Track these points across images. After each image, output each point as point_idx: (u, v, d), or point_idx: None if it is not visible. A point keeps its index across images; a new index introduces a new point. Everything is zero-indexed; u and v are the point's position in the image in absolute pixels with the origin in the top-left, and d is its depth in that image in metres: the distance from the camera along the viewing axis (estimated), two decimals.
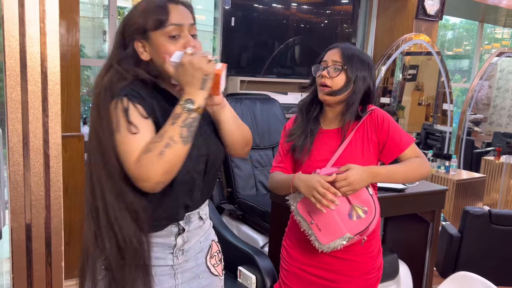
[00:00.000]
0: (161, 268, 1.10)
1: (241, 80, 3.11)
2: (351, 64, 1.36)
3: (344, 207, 1.29)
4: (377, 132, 1.38)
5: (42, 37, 0.63)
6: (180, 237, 1.11)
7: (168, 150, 0.94)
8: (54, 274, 0.70)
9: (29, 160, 0.64)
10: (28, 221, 0.67)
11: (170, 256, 1.10)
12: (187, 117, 0.96)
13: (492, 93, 5.07)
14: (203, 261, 1.18)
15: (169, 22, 1.01)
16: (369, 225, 1.29)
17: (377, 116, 1.39)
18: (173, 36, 1.02)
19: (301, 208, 1.34)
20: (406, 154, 1.39)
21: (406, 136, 1.40)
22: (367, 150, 1.38)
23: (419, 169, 1.38)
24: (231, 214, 2.77)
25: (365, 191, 1.32)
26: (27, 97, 0.62)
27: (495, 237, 2.60)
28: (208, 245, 1.20)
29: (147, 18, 1.01)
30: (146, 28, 1.02)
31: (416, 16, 3.62)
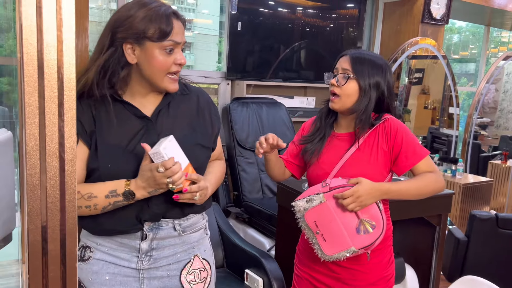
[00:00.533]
0: (125, 269, 1.09)
1: (247, 84, 3.13)
2: (361, 71, 1.33)
3: (352, 220, 1.28)
4: (388, 141, 1.35)
5: (58, 44, 0.65)
6: (145, 243, 1.09)
7: (86, 210, 1.01)
8: (68, 274, 0.72)
9: (45, 164, 0.66)
10: (44, 223, 0.68)
11: (135, 259, 1.10)
12: (121, 201, 1.01)
13: (499, 96, 5.05)
14: (177, 274, 1.13)
15: (170, 37, 1.02)
16: (376, 240, 1.27)
17: (391, 125, 1.35)
18: (168, 50, 1.03)
19: (309, 218, 1.31)
20: (419, 167, 1.35)
21: (420, 149, 1.36)
22: (375, 158, 1.35)
23: (432, 185, 1.34)
24: (237, 217, 2.78)
25: (374, 206, 1.29)
26: (44, 102, 0.64)
27: (502, 241, 2.59)
28: (187, 259, 1.15)
29: (149, 26, 1.01)
30: (145, 35, 1.01)
31: (422, 20, 3.62)
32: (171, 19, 1.03)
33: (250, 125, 2.91)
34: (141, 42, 1.02)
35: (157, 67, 1.03)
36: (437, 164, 3.60)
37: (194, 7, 4.53)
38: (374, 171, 1.34)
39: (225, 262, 2.23)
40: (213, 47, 3.70)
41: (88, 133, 1.02)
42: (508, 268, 2.62)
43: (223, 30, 3.19)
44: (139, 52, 1.03)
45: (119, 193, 1.01)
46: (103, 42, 1.03)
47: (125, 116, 1.06)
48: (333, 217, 1.28)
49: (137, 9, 1.02)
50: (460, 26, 6.59)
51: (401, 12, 3.76)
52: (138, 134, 1.07)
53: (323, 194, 1.29)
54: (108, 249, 1.09)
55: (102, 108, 1.04)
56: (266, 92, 3.27)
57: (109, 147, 1.03)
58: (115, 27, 1.02)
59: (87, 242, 1.10)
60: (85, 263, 1.09)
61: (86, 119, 1.02)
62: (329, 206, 1.28)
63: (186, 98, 1.17)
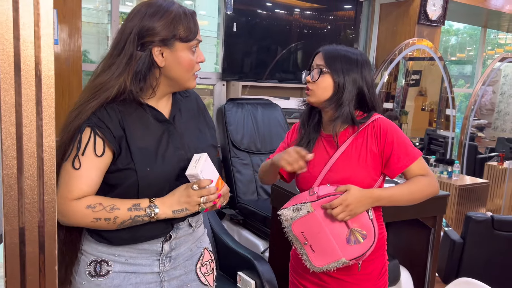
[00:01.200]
0: (146, 276, 1.08)
1: (243, 85, 3.11)
2: (334, 65, 1.28)
3: (342, 230, 1.22)
4: (378, 142, 1.28)
5: (36, 40, 0.63)
6: (167, 244, 1.10)
7: (103, 223, 0.99)
8: (47, 278, 0.70)
9: (22, 163, 0.64)
10: (22, 225, 0.66)
11: (157, 263, 1.09)
12: (142, 216, 1.00)
13: (496, 98, 5.04)
14: (193, 268, 1.15)
15: (196, 37, 1.05)
16: (367, 250, 1.21)
17: (380, 126, 1.28)
18: (194, 49, 1.06)
19: (296, 228, 1.25)
20: (411, 169, 1.28)
21: (413, 150, 1.28)
22: (364, 160, 1.28)
23: (425, 190, 1.28)
24: (232, 219, 2.76)
25: (365, 215, 1.23)
26: (21, 100, 0.63)
27: (497, 243, 2.58)
28: (199, 252, 1.18)
29: (178, 27, 1.02)
30: (175, 36, 1.02)
31: (418, 21, 3.61)
32: (195, 18, 1.06)
33: (245, 126, 2.89)
34: (171, 43, 1.02)
35: (186, 67, 1.05)
36: (433, 166, 3.59)
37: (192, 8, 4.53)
38: (363, 175, 1.28)
39: (218, 264, 2.21)
40: (211, 48, 3.68)
41: (116, 138, 1.01)
42: (503, 270, 2.61)
43: (220, 31, 3.18)
44: (168, 54, 1.03)
45: (143, 207, 1.00)
46: (129, 49, 1.01)
47: (147, 120, 1.06)
48: (321, 228, 1.22)
49: (163, 12, 1.02)
50: (457, 28, 6.60)
51: (397, 14, 3.75)
52: (162, 138, 1.07)
53: (310, 204, 1.24)
54: (128, 258, 1.06)
55: (127, 111, 1.04)
56: (262, 93, 3.26)
57: (142, 150, 1.03)
58: (141, 32, 1.01)
59: (102, 256, 1.06)
60: (104, 278, 1.05)
61: (114, 125, 1.01)
62: (317, 216, 1.22)
63: (188, 100, 1.19)
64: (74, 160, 0.98)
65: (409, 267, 2.35)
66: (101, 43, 3.50)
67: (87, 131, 0.99)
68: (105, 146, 1.00)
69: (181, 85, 1.08)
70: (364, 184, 1.26)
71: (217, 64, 3.37)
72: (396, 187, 1.29)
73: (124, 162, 1.01)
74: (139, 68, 1.01)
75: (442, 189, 3.38)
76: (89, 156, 0.99)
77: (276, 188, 2.14)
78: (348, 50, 1.33)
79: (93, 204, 0.98)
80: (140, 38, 1.01)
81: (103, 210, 0.98)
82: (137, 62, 1.01)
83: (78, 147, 0.99)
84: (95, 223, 0.99)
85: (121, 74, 1.01)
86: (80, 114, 1.01)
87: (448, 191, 3.19)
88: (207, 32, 3.77)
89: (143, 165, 1.02)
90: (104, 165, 1.01)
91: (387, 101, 3.90)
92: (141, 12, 1.03)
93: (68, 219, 1.00)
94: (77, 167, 0.98)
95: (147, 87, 1.05)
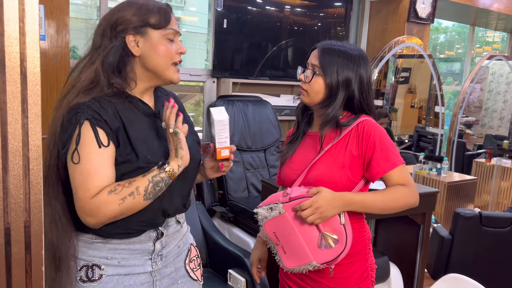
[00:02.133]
0: (139, 277, 1.07)
1: (233, 82, 3.10)
2: (328, 67, 1.25)
3: (313, 233, 1.19)
4: (359, 145, 1.24)
5: (21, 36, 0.61)
6: (159, 242, 1.09)
7: (130, 199, 0.96)
8: (34, 279, 0.69)
9: (8, 163, 0.63)
10: (7, 225, 0.65)
11: (149, 262, 1.08)
12: (157, 174, 0.99)
13: (484, 96, 5.10)
14: (182, 265, 1.16)
15: (170, 25, 1.04)
16: (338, 256, 1.18)
17: (364, 128, 1.24)
18: (170, 39, 1.05)
19: (268, 228, 1.24)
20: (390, 177, 1.23)
21: (395, 157, 1.23)
22: (343, 163, 1.25)
23: (402, 200, 1.22)
24: (222, 216, 2.76)
25: (336, 219, 1.19)
26: (6, 98, 0.61)
27: (485, 239, 2.61)
28: (187, 248, 1.19)
29: (149, 15, 1.02)
30: (147, 23, 1.02)
31: (408, 19, 3.63)
32: (168, 9, 1.06)
33: (236, 123, 2.88)
34: (143, 31, 1.02)
35: (162, 55, 1.03)
36: (423, 163, 3.62)
37: (182, 4, 4.48)
38: (341, 176, 1.24)
39: (208, 262, 2.21)
40: (201, 45, 3.66)
41: (114, 130, 1.00)
42: (491, 266, 2.64)
43: (211, 28, 3.16)
44: (142, 43, 1.03)
45: (155, 168, 1.00)
46: (101, 40, 1.03)
47: (137, 113, 1.05)
48: (293, 230, 1.20)
49: (133, 3, 1.04)
50: (446, 26, 6.65)
51: (387, 11, 3.77)
52: (151, 130, 1.07)
53: (282, 205, 1.21)
54: (120, 260, 1.05)
55: (119, 103, 1.03)
56: (252, 90, 3.25)
57: (139, 140, 1.03)
58: (112, 22, 1.02)
59: (94, 260, 1.04)
60: (97, 283, 1.03)
61: (110, 117, 1.00)
62: (288, 217, 1.20)
63: (167, 98, 1.17)
64: (73, 155, 0.96)
65: (398, 263, 2.37)
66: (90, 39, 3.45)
67: (87, 125, 0.97)
68: (108, 136, 0.99)
69: (160, 76, 1.06)
70: (343, 186, 1.24)
71: (208, 61, 3.35)
72: (370, 193, 1.24)
73: (123, 153, 1.00)
74: (112, 57, 1.01)
75: (431, 185, 3.41)
76: (97, 149, 0.97)
77: (266, 186, 2.14)
78: (346, 46, 1.29)
79: (112, 188, 0.96)
80: (113, 30, 1.02)
81: (123, 188, 0.96)
82: (109, 51, 1.01)
83: (77, 141, 0.96)
84: (123, 205, 0.96)
85: (93, 64, 1.01)
86: (59, 107, 1.00)
87: (437, 188, 3.22)
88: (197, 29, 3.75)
89: (143, 153, 1.02)
90: (112, 154, 0.99)
91: (377, 98, 3.92)
92: (111, 9, 1.06)
93: (96, 217, 0.96)
94: (76, 162, 0.95)
95: (128, 79, 1.04)
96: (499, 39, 6.53)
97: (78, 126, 0.96)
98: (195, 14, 3.94)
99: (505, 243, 2.62)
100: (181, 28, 4.17)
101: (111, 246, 1.04)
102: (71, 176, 0.97)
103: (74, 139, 0.96)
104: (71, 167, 0.97)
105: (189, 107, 3.81)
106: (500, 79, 5.02)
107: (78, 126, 0.96)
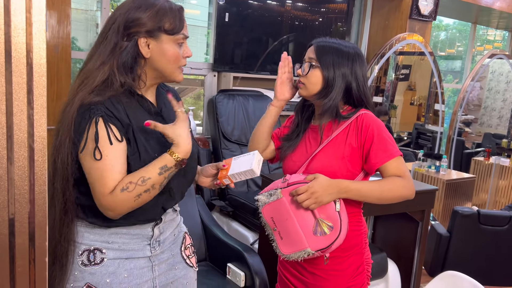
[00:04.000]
0: (139, 261, 1.11)
1: (234, 77, 3.09)
2: (325, 59, 1.28)
3: (309, 220, 1.22)
4: (358, 137, 1.27)
5: (28, 27, 0.61)
6: (157, 228, 1.13)
7: (146, 194, 1.00)
8: (37, 269, 0.69)
9: (13, 153, 0.63)
10: (12, 216, 0.65)
11: (148, 247, 1.12)
12: (174, 171, 1.03)
13: (483, 94, 5.11)
14: (178, 252, 1.20)
15: (182, 31, 1.07)
16: (332, 243, 1.20)
17: (363, 121, 1.27)
18: (180, 43, 1.08)
19: (266, 213, 1.28)
20: (387, 168, 1.25)
21: (392, 148, 1.26)
22: (343, 155, 1.28)
23: (398, 191, 1.24)
24: (221, 210, 2.76)
25: (332, 206, 1.21)
26: (12, 88, 0.61)
27: (483, 237, 2.63)
28: (182, 236, 1.23)
29: (165, 20, 1.04)
30: (161, 28, 1.04)
31: (410, 16, 3.62)
32: (182, 13, 1.08)
33: (236, 118, 2.88)
34: (157, 35, 1.04)
35: (171, 60, 1.07)
36: (421, 160, 3.63)
37: None
38: (341, 168, 1.27)
39: (207, 256, 2.21)
40: (202, 38, 3.64)
41: (125, 127, 1.03)
42: (488, 264, 2.66)
43: (211, 21, 3.15)
44: (154, 46, 1.05)
45: (171, 166, 1.02)
46: (116, 37, 1.03)
47: (143, 112, 1.08)
48: (289, 215, 1.23)
49: (148, 5, 1.05)
50: (447, 24, 6.64)
51: (389, 8, 3.76)
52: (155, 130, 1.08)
53: (280, 190, 1.25)
54: (121, 244, 1.08)
55: (129, 102, 1.05)
56: (253, 84, 3.24)
57: (146, 138, 1.06)
58: (128, 23, 1.03)
59: (95, 244, 1.06)
60: (99, 266, 1.06)
61: (121, 115, 1.03)
62: (285, 202, 1.24)
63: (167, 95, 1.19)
64: (95, 152, 0.98)
65: (396, 260, 2.38)
66: (90, 30, 3.44)
67: (101, 122, 0.99)
68: (120, 132, 1.01)
69: (166, 77, 1.10)
70: (342, 177, 1.26)
71: (207, 54, 3.34)
72: (367, 182, 1.27)
73: (131, 152, 1.03)
74: (125, 58, 1.03)
75: (429, 183, 3.42)
76: (112, 144, 0.99)
77: (266, 180, 2.14)
78: (341, 44, 1.32)
79: (125, 186, 0.98)
80: (127, 29, 1.03)
81: (136, 186, 0.99)
82: (122, 52, 1.02)
83: (96, 139, 0.98)
84: (139, 200, 1.00)
85: (106, 63, 1.02)
86: (70, 104, 1.01)
87: (436, 186, 3.23)
88: (198, 22, 3.73)
89: (149, 152, 1.04)
90: (125, 149, 1.02)
91: (377, 95, 3.92)
92: (127, 4, 1.06)
93: (115, 211, 1.00)
94: (99, 158, 0.98)
95: (138, 79, 1.07)
96: (500, 38, 6.53)
97: (94, 123, 0.99)
98: (196, 7, 3.92)
99: (503, 241, 2.63)
100: None
101: (113, 230, 1.07)
102: (88, 171, 1.00)
103: (91, 137, 0.98)
104: (88, 162, 0.99)
105: (189, 100, 3.81)
106: (500, 78, 5.02)
107: (94, 123, 0.99)
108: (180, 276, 1.19)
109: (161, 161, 1.02)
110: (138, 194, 0.99)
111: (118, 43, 1.03)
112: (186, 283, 1.22)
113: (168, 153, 1.02)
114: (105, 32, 1.05)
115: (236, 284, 1.96)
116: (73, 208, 1.04)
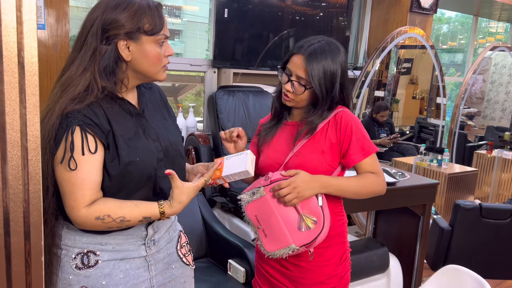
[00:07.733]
0: (135, 261, 1.10)
1: (234, 73, 3.08)
2: (318, 79, 1.27)
3: (292, 216, 1.23)
4: (337, 133, 1.31)
5: (18, 26, 0.61)
6: (151, 227, 1.12)
7: (117, 227, 1.03)
8: (33, 268, 0.69)
9: (6, 153, 0.63)
10: (6, 215, 0.65)
11: (143, 247, 1.11)
12: (151, 215, 1.04)
13: (486, 87, 5.08)
14: (174, 250, 1.19)
15: (163, 31, 1.05)
16: (316, 237, 1.22)
17: (341, 118, 1.31)
18: (161, 43, 1.05)
19: (250, 211, 1.28)
20: (362, 165, 1.31)
21: (368, 146, 1.31)
22: (323, 150, 1.31)
23: (372, 187, 1.31)
24: (223, 207, 2.76)
25: (314, 201, 1.24)
26: (4, 88, 0.61)
27: (485, 230, 2.62)
28: (177, 235, 1.22)
29: (143, 20, 1.01)
30: (140, 29, 1.01)
31: (411, 9, 3.60)
32: (161, 10, 1.05)
33: (237, 114, 2.87)
34: (136, 37, 1.01)
35: (153, 61, 1.04)
36: (423, 154, 3.62)
37: None
38: (323, 162, 1.30)
39: (208, 252, 2.22)
40: (202, 34, 3.63)
41: (105, 133, 1.01)
42: (491, 258, 2.65)
43: (211, 17, 3.14)
44: (134, 48, 1.02)
45: (154, 218, 1.05)
46: (95, 41, 1.00)
47: (124, 114, 1.06)
48: (272, 212, 1.24)
49: (126, 4, 1.01)
50: (449, 17, 6.59)
51: (389, 1, 3.73)
52: (138, 131, 1.07)
53: (263, 188, 1.26)
54: (115, 245, 1.07)
55: (109, 107, 1.04)
56: (253, 80, 3.23)
57: (127, 143, 1.04)
58: (105, 25, 1.00)
59: (88, 247, 1.06)
60: (94, 269, 1.05)
61: (101, 120, 1.01)
62: (268, 200, 1.25)
63: (151, 92, 1.19)
64: (69, 162, 0.97)
65: (398, 254, 2.37)
66: None
67: (77, 131, 0.98)
68: (96, 142, 0.99)
69: (150, 78, 1.09)
70: (322, 172, 1.29)
71: (208, 51, 3.33)
72: (345, 178, 1.31)
73: (110, 157, 1.01)
74: (106, 62, 1.00)
75: (431, 177, 3.41)
76: (85, 156, 0.98)
77: None
78: (325, 46, 1.29)
79: (101, 216, 0.99)
80: (105, 32, 1.00)
81: (113, 222, 1.00)
82: (103, 56, 1.00)
83: (71, 148, 0.97)
84: (108, 227, 1.02)
85: (87, 69, 1.00)
86: (50, 112, 0.99)
87: (438, 180, 3.22)
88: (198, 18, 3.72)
89: (132, 156, 1.03)
90: (100, 161, 1.01)
91: (378, 89, 3.90)
92: (103, 4, 1.02)
93: (82, 227, 1.02)
94: (74, 168, 0.97)
95: (119, 82, 1.05)
96: (502, 30, 6.48)
97: (71, 132, 0.97)
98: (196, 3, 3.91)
99: (505, 234, 2.63)
100: (182, 18, 4.08)
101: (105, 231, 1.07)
102: (59, 182, 1.00)
103: (68, 146, 0.97)
104: (61, 173, 0.98)
105: (189, 97, 3.80)
106: (502, 70, 4.99)
107: (71, 132, 0.97)
108: (177, 275, 1.19)
109: (147, 210, 1.03)
110: (110, 227, 1.01)
111: (98, 47, 1.00)
112: (184, 281, 1.21)
113: (158, 205, 1.03)
114: (84, 36, 1.01)
115: (237, 280, 1.97)
116: (53, 217, 1.04)
